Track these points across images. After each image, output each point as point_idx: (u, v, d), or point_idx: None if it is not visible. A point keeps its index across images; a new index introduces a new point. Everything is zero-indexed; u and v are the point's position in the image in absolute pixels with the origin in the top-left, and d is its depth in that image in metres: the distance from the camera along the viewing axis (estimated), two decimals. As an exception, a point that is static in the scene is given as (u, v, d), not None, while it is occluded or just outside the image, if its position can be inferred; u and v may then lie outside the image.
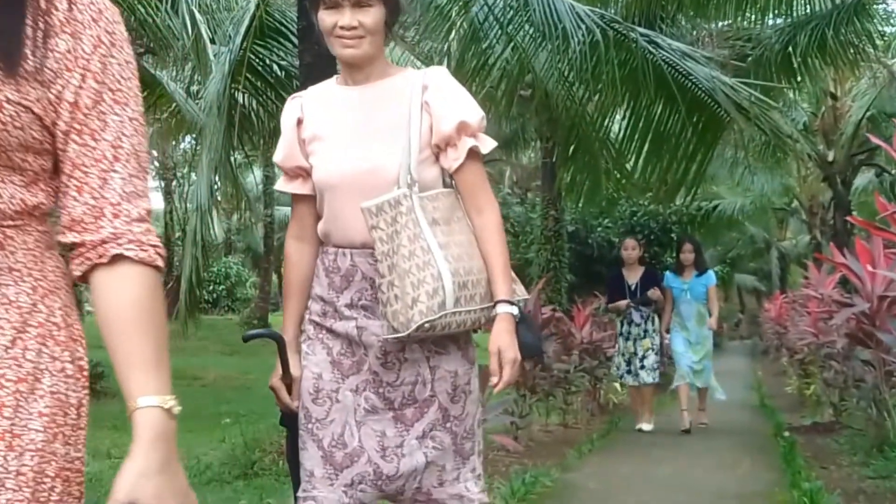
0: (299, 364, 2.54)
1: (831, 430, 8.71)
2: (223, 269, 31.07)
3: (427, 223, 2.34)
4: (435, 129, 2.41)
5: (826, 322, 9.03)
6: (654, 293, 9.08)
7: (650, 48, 7.89)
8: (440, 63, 9.87)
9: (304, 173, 2.52)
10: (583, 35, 7.56)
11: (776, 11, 12.70)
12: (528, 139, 22.12)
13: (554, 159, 12.39)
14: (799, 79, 13.42)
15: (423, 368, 2.44)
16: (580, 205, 13.49)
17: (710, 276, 9.58)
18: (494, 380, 2.35)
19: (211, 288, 29.95)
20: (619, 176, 10.66)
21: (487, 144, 2.48)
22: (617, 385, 10.98)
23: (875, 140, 6.89)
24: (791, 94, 16.48)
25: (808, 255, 21.86)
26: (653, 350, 9.10)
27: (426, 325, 2.28)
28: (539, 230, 14.89)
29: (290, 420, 2.55)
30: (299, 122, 2.52)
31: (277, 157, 2.59)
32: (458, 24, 8.95)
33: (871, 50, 13.52)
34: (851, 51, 12.50)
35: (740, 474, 6.52)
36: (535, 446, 7.82)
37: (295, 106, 2.56)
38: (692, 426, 8.91)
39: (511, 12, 8.21)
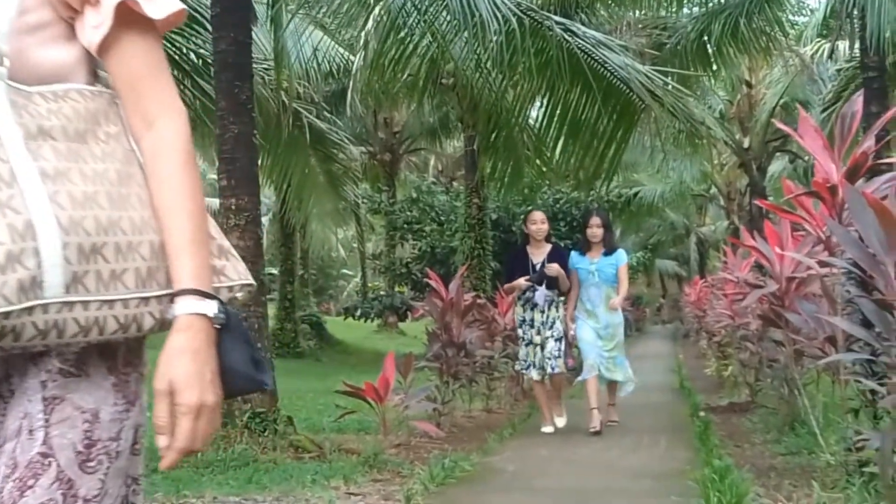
0: None
1: (746, 410, 8.93)
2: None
3: (20, 134, 1.26)
4: None
5: (741, 304, 9.26)
6: (551, 268, 7.82)
7: (566, 36, 7.99)
8: (361, 52, 9.85)
9: None
10: (499, 23, 7.60)
11: (692, 1, 12.97)
12: (451, 128, 22.23)
13: (475, 146, 12.47)
14: (714, 67, 13.71)
15: (33, 404, 1.31)
16: (502, 192, 13.60)
17: (621, 255, 8.36)
18: (162, 443, 1.30)
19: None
20: (539, 163, 10.77)
21: (161, 4, 1.38)
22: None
23: (782, 127, 7.07)
24: (708, 82, 16.84)
25: (726, 240, 22.41)
26: (552, 337, 7.87)
27: None
28: (463, 218, 14.96)
29: None
30: None
31: None
32: (377, 11, 8.93)
33: (783, 38, 13.86)
34: (764, 39, 12.84)
35: (656, 454, 6.65)
36: (457, 432, 7.87)
37: None
38: (602, 426, 7.81)
39: (428, 0, 8.23)
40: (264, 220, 32.28)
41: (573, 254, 8.34)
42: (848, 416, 4.66)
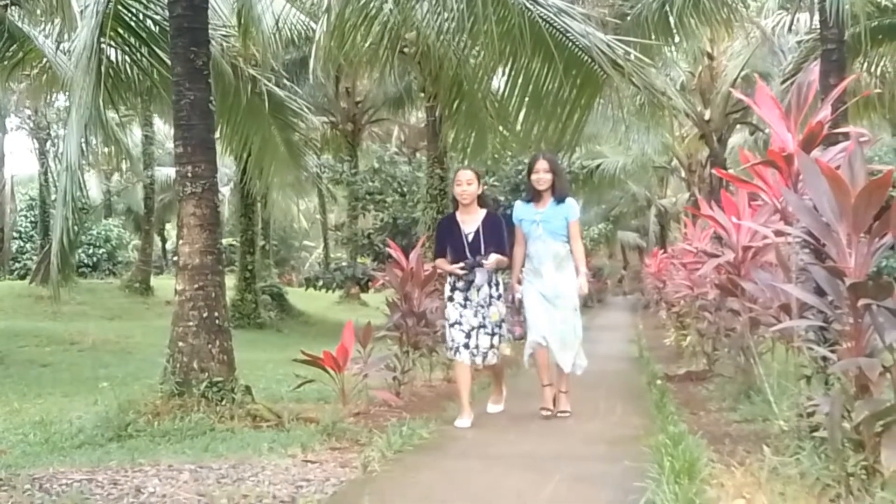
0: None
1: (703, 379, 9.02)
2: (103, 232, 30.12)
3: None
4: None
5: (699, 273, 9.35)
6: (490, 262, 6.59)
7: (527, 4, 7.93)
8: (322, 18, 9.71)
9: None
10: (460, -11, 7.55)
11: (654, -29, 12.93)
12: (414, 98, 22.15)
13: (437, 116, 12.40)
14: (676, 38, 13.72)
15: None
16: (465, 162, 13.59)
17: (573, 207, 7.00)
18: None
19: (91, 251, 29.03)
20: (502, 132, 10.74)
21: None
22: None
23: (740, 97, 7.09)
24: (669, 54, 16.88)
25: (687, 211, 22.60)
26: (490, 330, 6.74)
27: None
28: (425, 189, 14.94)
29: None
30: None
31: None
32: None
33: (744, 10, 13.91)
34: (725, 10, 12.86)
35: (612, 422, 6.70)
36: (417, 401, 7.88)
37: None
38: (554, 412, 6.86)
39: (388, -35, 8.14)
40: (225, 189, 32.04)
41: (518, 203, 7.19)
42: (800, 383, 4.71)
